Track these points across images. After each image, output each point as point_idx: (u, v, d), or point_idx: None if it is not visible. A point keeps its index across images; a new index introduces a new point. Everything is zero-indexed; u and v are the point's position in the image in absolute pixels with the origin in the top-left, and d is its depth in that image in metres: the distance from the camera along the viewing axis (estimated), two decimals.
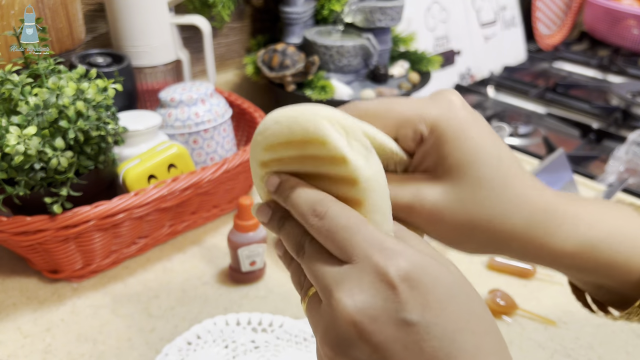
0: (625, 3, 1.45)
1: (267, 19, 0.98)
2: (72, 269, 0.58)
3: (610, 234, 0.29)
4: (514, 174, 0.28)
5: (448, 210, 0.28)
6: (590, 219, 0.30)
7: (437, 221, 0.28)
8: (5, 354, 0.51)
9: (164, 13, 0.72)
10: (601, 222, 0.30)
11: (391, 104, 0.29)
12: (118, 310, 0.57)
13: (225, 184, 0.66)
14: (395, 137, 0.29)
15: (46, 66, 0.53)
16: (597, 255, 0.29)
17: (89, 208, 0.54)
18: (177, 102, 0.68)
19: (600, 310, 0.35)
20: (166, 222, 0.64)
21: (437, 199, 0.28)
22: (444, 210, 0.28)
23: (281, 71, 0.82)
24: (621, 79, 1.34)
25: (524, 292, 0.60)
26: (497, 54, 1.31)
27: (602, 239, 0.29)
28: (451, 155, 0.28)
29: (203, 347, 0.52)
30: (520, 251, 0.29)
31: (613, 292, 0.33)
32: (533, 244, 0.29)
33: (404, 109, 0.29)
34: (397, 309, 0.24)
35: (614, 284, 0.31)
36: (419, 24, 1.09)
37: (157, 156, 0.62)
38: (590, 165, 0.93)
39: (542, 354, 0.53)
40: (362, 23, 0.88)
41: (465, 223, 0.28)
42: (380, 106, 0.29)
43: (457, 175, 0.28)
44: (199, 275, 0.62)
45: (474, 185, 0.28)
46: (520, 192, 0.28)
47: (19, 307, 0.57)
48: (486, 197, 0.28)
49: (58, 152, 0.50)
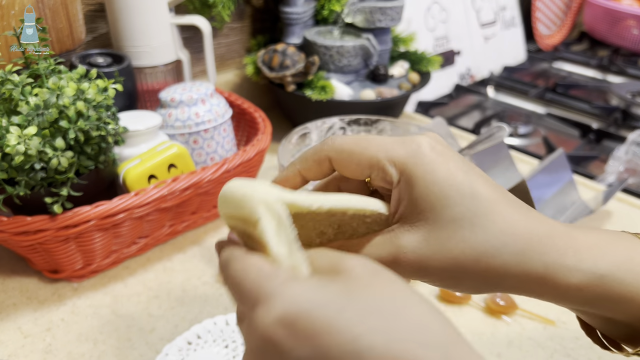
0: (625, 3, 1.45)
1: (267, 19, 0.98)
2: (72, 269, 0.58)
3: (618, 264, 0.28)
4: (495, 209, 0.27)
5: (432, 257, 0.27)
6: (595, 249, 0.28)
7: (424, 269, 0.28)
8: (6, 354, 0.51)
9: (164, 13, 0.72)
10: (607, 252, 0.28)
11: (367, 143, 0.29)
12: (118, 310, 0.57)
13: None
14: (370, 178, 0.29)
15: (46, 66, 0.53)
16: (606, 288, 0.27)
17: (89, 208, 0.54)
18: (177, 102, 0.68)
19: (613, 348, 0.33)
20: (166, 222, 0.64)
21: (417, 247, 0.27)
22: (428, 258, 0.27)
23: (281, 71, 0.82)
24: (621, 79, 1.34)
25: None
26: (497, 54, 1.31)
27: (610, 270, 0.27)
28: (421, 199, 0.27)
29: (203, 346, 0.52)
30: (520, 287, 0.28)
31: (624, 326, 0.31)
32: (532, 279, 0.27)
33: (376, 149, 0.28)
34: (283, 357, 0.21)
35: (624, 318, 0.30)
36: (418, 24, 1.10)
37: (158, 156, 0.62)
38: (590, 165, 0.93)
39: (541, 353, 0.53)
40: (362, 23, 0.88)
41: (453, 266, 0.27)
42: (356, 146, 0.29)
43: (432, 219, 0.27)
44: (199, 275, 0.62)
45: (451, 227, 0.27)
46: (506, 225, 0.27)
47: (19, 307, 0.57)
48: (467, 237, 0.27)
49: (58, 152, 0.50)
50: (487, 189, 0.28)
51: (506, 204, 0.27)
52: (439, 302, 0.58)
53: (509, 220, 0.27)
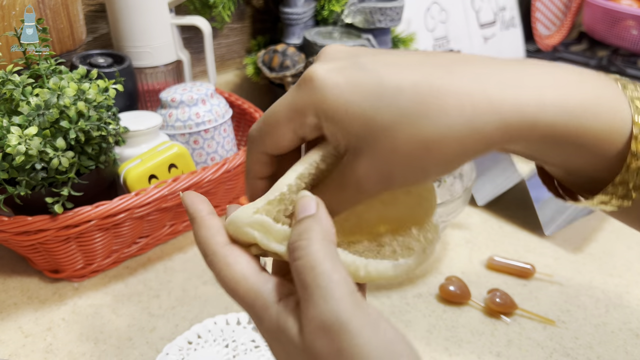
0: (625, 3, 1.45)
1: (268, 19, 0.98)
2: (73, 269, 0.58)
3: (585, 107, 0.26)
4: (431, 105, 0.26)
5: (389, 166, 0.27)
6: (563, 88, 0.26)
7: (388, 178, 0.28)
8: (7, 354, 0.51)
9: (165, 14, 0.73)
10: (575, 93, 0.26)
11: (274, 115, 0.29)
12: (119, 310, 0.57)
13: (225, 184, 0.67)
14: (303, 137, 0.30)
15: (47, 66, 0.53)
16: (570, 131, 0.26)
17: (90, 208, 0.54)
18: (177, 102, 0.68)
19: (568, 197, 0.33)
20: (167, 222, 0.64)
21: (371, 166, 0.27)
22: (387, 170, 0.27)
23: (281, 72, 0.82)
24: None
25: (523, 291, 0.60)
26: (497, 54, 1.31)
27: (576, 112, 0.26)
28: (349, 135, 0.27)
29: (204, 346, 0.52)
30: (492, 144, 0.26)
31: (581, 176, 0.30)
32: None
33: (286, 117, 0.29)
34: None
35: (583, 166, 0.28)
36: (418, 25, 1.10)
37: (158, 156, 0.62)
38: None
39: (541, 353, 0.53)
40: (362, 24, 0.88)
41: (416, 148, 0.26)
42: (267, 126, 0.30)
43: (367, 145, 0.27)
44: (200, 275, 0.62)
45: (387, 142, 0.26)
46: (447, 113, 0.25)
47: (20, 307, 0.57)
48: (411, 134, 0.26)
49: (59, 152, 0.50)
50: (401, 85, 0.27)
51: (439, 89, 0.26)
52: (438, 302, 0.59)
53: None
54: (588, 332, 0.56)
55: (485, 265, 0.64)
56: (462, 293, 0.58)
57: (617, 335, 0.55)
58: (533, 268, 0.63)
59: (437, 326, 0.56)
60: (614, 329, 0.56)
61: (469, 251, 0.67)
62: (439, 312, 0.57)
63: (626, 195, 0.28)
